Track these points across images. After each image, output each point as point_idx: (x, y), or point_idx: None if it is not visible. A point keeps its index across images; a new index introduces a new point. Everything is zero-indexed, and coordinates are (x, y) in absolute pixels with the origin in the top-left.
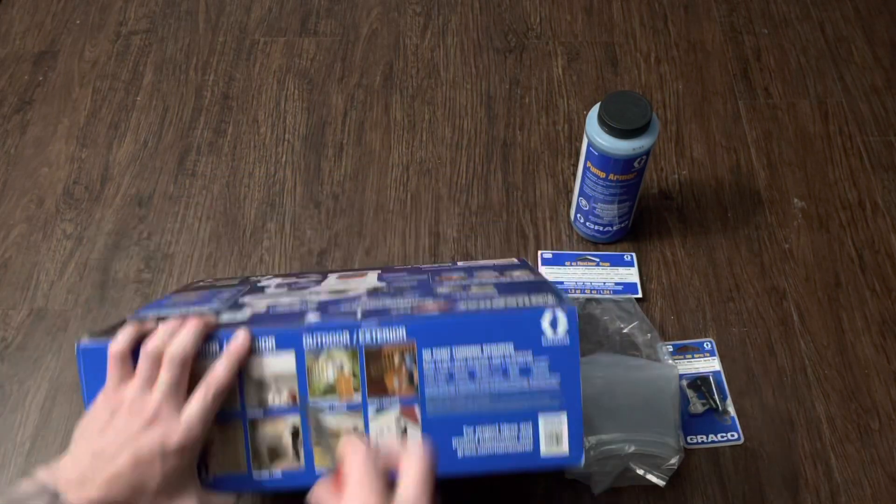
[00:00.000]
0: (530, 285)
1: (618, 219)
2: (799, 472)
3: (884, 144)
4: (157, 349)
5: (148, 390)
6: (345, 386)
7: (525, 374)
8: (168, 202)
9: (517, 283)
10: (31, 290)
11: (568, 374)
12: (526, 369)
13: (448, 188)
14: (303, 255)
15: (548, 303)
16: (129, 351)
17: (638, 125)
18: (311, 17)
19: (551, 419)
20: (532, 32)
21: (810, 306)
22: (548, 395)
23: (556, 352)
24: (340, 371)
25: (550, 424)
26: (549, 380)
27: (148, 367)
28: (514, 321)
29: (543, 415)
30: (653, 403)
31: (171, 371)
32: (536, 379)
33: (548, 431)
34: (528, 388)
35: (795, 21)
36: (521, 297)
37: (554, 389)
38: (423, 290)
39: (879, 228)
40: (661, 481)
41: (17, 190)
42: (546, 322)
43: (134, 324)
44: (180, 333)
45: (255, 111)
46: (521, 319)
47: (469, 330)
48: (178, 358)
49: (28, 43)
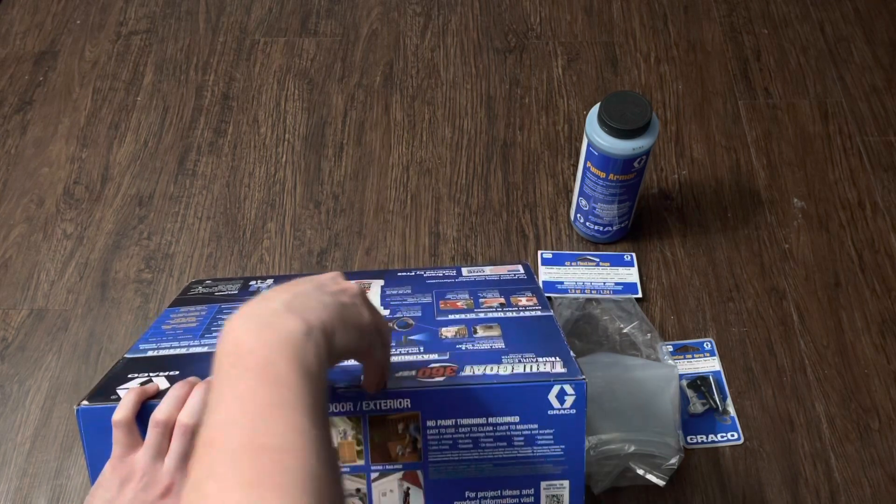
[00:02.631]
0: (538, 332)
1: (618, 219)
2: (799, 472)
3: (883, 144)
4: (168, 419)
5: (159, 460)
6: (348, 450)
7: (529, 444)
8: (168, 202)
9: (523, 324)
10: (32, 290)
11: (572, 443)
12: (531, 439)
13: (448, 188)
14: (303, 255)
15: (555, 371)
16: (133, 418)
17: (638, 125)
18: (311, 18)
19: (553, 485)
20: (532, 32)
21: (810, 306)
22: (551, 462)
23: (562, 422)
24: (343, 437)
25: (552, 490)
26: (553, 448)
27: (158, 436)
28: (521, 395)
29: (545, 482)
30: (653, 403)
31: (184, 441)
32: (540, 448)
33: (549, 496)
34: (532, 455)
35: (795, 21)
36: (529, 360)
37: (558, 457)
38: (428, 329)
39: (879, 228)
40: (661, 481)
41: (17, 190)
42: (553, 395)
43: (136, 391)
44: (190, 403)
45: (255, 111)
46: (527, 393)
47: (474, 401)
48: (192, 429)
49: (28, 43)
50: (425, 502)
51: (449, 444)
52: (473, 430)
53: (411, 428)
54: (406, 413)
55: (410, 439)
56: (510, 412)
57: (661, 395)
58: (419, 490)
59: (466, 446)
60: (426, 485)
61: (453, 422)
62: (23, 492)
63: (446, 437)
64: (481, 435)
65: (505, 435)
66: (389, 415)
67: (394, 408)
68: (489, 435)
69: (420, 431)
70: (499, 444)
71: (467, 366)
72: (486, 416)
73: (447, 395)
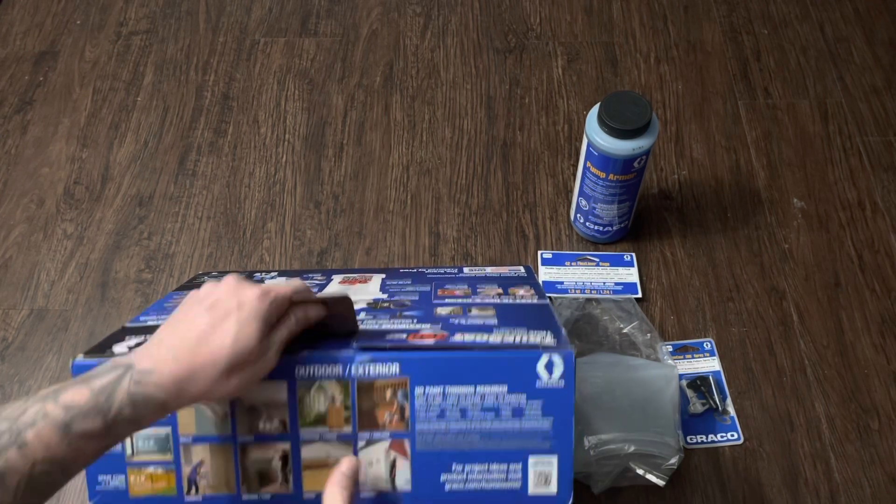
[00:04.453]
0: (532, 314)
1: (618, 219)
2: (799, 472)
3: (883, 144)
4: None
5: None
6: (335, 417)
7: (517, 416)
8: (168, 202)
9: (519, 308)
10: (32, 290)
11: (561, 417)
12: (518, 410)
13: (448, 188)
14: (303, 255)
15: (544, 343)
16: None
17: (638, 125)
18: (311, 18)
19: (541, 460)
20: (532, 32)
21: (810, 306)
22: (539, 436)
23: (551, 395)
24: (332, 402)
25: (540, 465)
26: (542, 422)
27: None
28: (509, 363)
29: (534, 456)
30: (653, 403)
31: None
32: (528, 420)
33: (537, 472)
34: (520, 428)
35: (795, 21)
36: (520, 332)
37: (546, 431)
38: (424, 308)
39: (879, 228)
40: (661, 481)
41: (17, 190)
42: (541, 365)
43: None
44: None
45: (255, 111)
46: (516, 362)
47: (463, 369)
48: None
49: (28, 43)
50: (412, 473)
51: (437, 413)
52: (461, 399)
53: (399, 395)
54: (395, 379)
55: (398, 406)
56: (498, 380)
57: (661, 395)
58: (406, 460)
59: (454, 416)
60: (413, 455)
61: (441, 389)
62: None
63: (434, 406)
64: (469, 404)
65: (493, 405)
66: (378, 380)
67: (383, 373)
68: (477, 405)
69: (408, 398)
70: (486, 414)
71: (458, 333)
72: (475, 384)
73: (436, 363)
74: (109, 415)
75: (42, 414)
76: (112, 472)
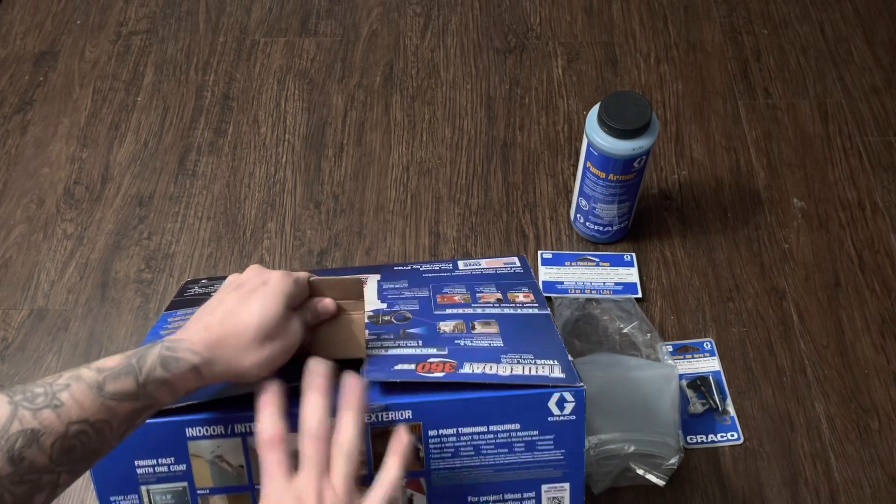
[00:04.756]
0: (535, 332)
1: (618, 219)
2: (799, 472)
3: (883, 144)
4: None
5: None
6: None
7: (530, 449)
8: (168, 202)
9: (522, 323)
10: (32, 290)
11: (573, 447)
12: (531, 444)
13: (448, 188)
14: (303, 255)
15: (553, 375)
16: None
17: (638, 125)
18: (311, 18)
19: (554, 487)
20: (532, 33)
21: (810, 306)
22: (552, 466)
23: (562, 428)
24: None
25: (553, 492)
26: (554, 453)
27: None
28: (521, 403)
29: (546, 485)
30: (653, 403)
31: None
32: (541, 452)
33: (550, 497)
34: (533, 460)
35: (795, 21)
36: (527, 362)
37: (558, 461)
38: (426, 323)
39: (879, 228)
40: (661, 481)
41: (17, 190)
42: (553, 403)
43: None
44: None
45: (255, 111)
46: (528, 401)
47: (475, 411)
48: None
49: (28, 43)
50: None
51: (451, 453)
52: (475, 437)
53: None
54: (408, 424)
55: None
56: (511, 420)
57: (661, 395)
58: (422, 496)
59: (468, 453)
60: (429, 491)
61: (455, 431)
62: None
63: (448, 446)
64: (482, 442)
65: (506, 442)
66: (391, 426)
67: (396, 419)
68: (490, 442)
69: (422, 441)
70: (500, 450)
71: (466, 363)
72: (487, 425)
73: (448, 406)
74: (141, 375)
75: (76, 377)
76: (125, 493)
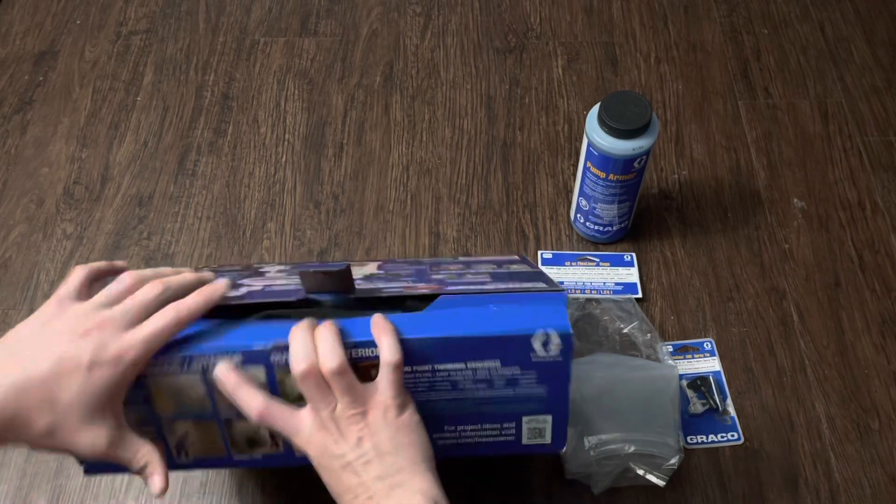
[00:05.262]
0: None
1: (618, 219)
2: (799, 472)
3: (884, 144)
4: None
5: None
6: None
7: (511, 385)
8: (168, 202)
9: (513, 272)
10: (32, 290)
11: (556, 385)
12: (512, 380)
13: (448, 188)
14: (303, 255)
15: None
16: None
17: (638, 125)
18: (311, 18)
19: (535, 419)
20: (532, 32)
21: (810, 306)
22: (534, 401)
23: (546, 366)
24: None
25: (534, 423)
26: (536, 389)
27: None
28: (503, 343)
29: (527, 416)
30: (653, 403)
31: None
32: (522, 388)
33: (530, 428)
34: (514, 395)
35: (795, 21)
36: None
37: (540, 396)
38: (419, 277)
39: (879, 228)
40: (661, 481)
41: (17, 190)
42: (538, 343)
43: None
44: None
45: (255, 111)
46: (510, 341)
47: (453, 350)
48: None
49: (28, 43)
50: None
51: (426, 387)
52: (452, 373)
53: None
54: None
55: None
56: (490, 357)
57: (661, 395)
58: None
59: (444, 388)
60: None
61: (430, 367)
62: (23, 492)
63: (423, 381)
64: (460, 378)
65: (485, 378)
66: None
67: (365, 356)
68: (468, 377)
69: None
70: (479, 385)
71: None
72: (465, 361)
73: (424, 345)
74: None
75: None
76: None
